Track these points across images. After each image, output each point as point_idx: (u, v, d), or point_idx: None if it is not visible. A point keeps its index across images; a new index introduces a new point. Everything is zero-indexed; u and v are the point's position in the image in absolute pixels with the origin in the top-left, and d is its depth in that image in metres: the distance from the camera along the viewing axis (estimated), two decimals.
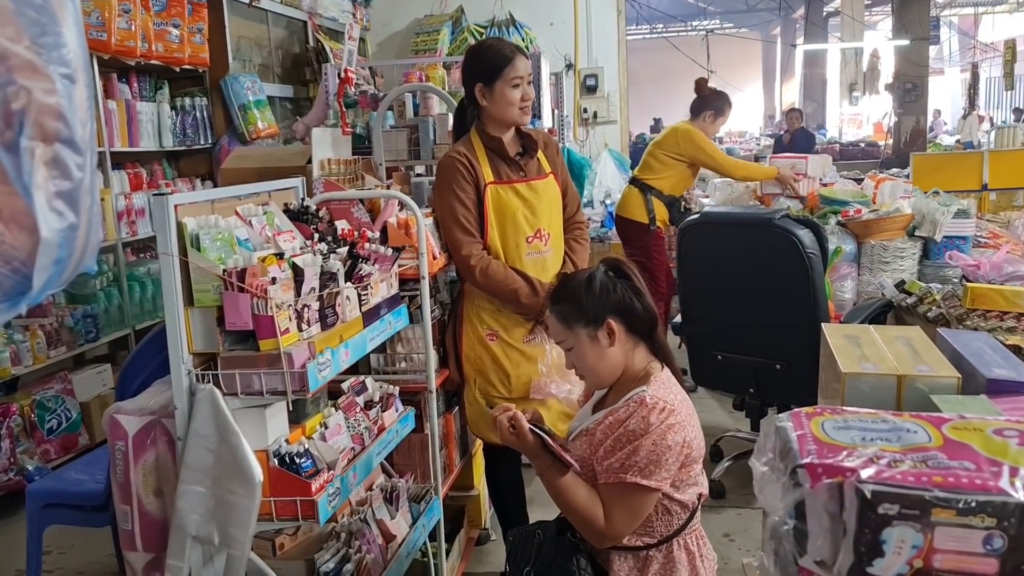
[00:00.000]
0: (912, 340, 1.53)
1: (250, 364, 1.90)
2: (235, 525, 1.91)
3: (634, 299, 1.93)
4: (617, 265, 1.98)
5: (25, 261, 0.80)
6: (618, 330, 1.91)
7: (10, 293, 0.81)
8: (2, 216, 0.77)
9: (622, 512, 1.83)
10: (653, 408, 1.81)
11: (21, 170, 0.77)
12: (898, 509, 0.83)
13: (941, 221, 4.25)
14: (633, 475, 1.79)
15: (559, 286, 2.02)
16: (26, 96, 0.77)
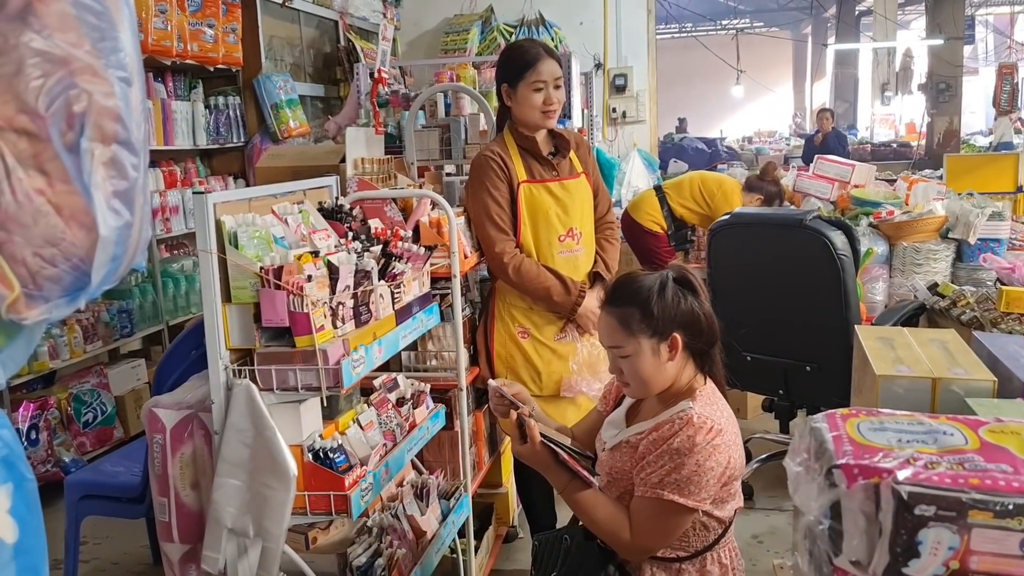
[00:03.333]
0: (947, 343, 1.52)
1: (286, 360, 1.93)
2: (270, 518, 1.95)
3: (701, 313, 1.84)
4: (684, 274, 1.87)
5: (84, 258, 0.83)
6: (680, 345, 1.82)
7: (69, 289, 0.84)
8: (63, 214, 0.80)
9: (654, 528, 1.79)
10: (700, 428, 1.75)
11: (82, 170, 0.80)
12: (935, 511, 0.83)
13: (975, 223, 4.21)
14: (671, 493, 1.74)
15: (621, 287, 1.89)
16: (87, 99, 0.80)
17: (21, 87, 0.76)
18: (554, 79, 2.67)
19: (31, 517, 0.88)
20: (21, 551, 0.85)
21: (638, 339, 1.81)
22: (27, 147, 0.77)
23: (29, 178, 0.78)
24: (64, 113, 0.78)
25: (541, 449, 1.89)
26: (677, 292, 1.83)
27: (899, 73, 14.24)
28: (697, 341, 1.84)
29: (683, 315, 1.81)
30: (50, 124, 0.78)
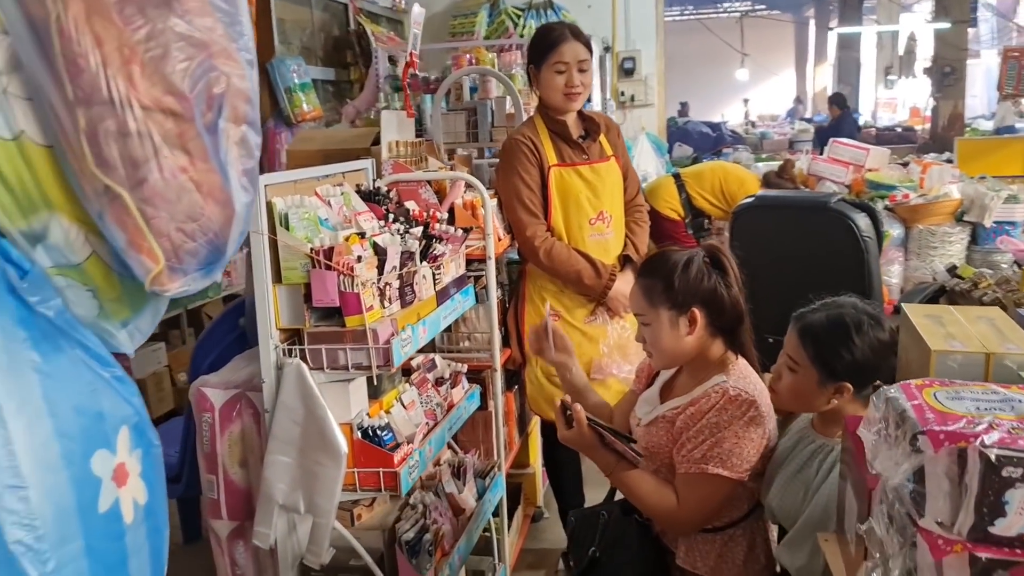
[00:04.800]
0: (994, 320, 1.56)
1: (336, 339, 1.97)
2: (320, 494, 1.99)
3: (725, 293, 1.88)
4: (716, 254, 1.92)
5: (218, 232, 0.86)
6: (700, 320, 1.87)
7: (204, 262, 0.87)
8: (202, 191, 0.84)
9: (700, 501, 1.84)
10: (735, 399, 1.81)
11: (219, 149, 0.84)
12: (1021, 473, 0.87)
13: (991, 206, 4.24)
14: (715, 466, 1.79)
15: (652, 259, 1.97)
16: (225, 81, 0.83)
17: (168, 69, 0.80)
18: (578, 61, 2.68)
19: (157, 482, 0.92)
20: (150, 513, 0.89)
21: (658, 310, 1.88)
22: (173, 127, 0.81)
23: (174, 157, 0.82)
24: (205, 95, 0.82)
25: (588, 432, 1.93)
26: (702, 269, 1.88)
27: (903, 56, 14.22)
28: (719, 319, 1.89)
29: (705, 292, 1.86)
30: (194, 105, 0.81)
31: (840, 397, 1.79)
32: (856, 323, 1.79)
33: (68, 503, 0.79)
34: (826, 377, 1.79)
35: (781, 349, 1.95)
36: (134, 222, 0.81)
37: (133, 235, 0.82)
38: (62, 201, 0.82)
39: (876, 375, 1.78)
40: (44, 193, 0.81)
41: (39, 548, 0.76)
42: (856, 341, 1.77)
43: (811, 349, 1.80)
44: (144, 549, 0.91)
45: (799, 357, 1.82)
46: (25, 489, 0.76)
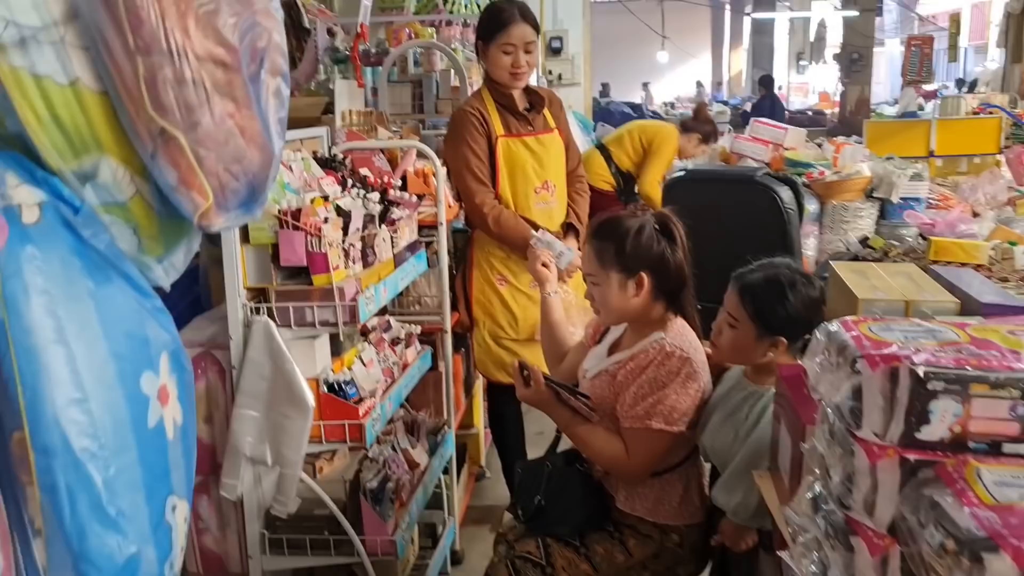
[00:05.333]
0: (911, 274, 1.76)
1: (303, 298, 2.05)
2: (288, 446, 2.07)
3: (672, 259, 2.00)
4: (666, 221, 2.03)
5: (257, 174, 0.95)
6: (647, 284, 1.99)
7: (244, 201, 0.96)
8: (245, 136, 0.92)
9: (646, 453, 1.99)
10: (672, 355, 1.96)
11: (260, 98, 0.92)
12: (944, 385, 1.04)
13: (898, 183, 4.54)
14: (658, 422, 1.94)
15: (605, 223, 2.07)
16: (268, 36, 0.91)
17: (220, 23, 0.88)
18: (524, 43, 2.80)
19: (189, 406, 1.00)
20: (185, 433, 0.98)
21: (608, 272, 2.00)
22: (222, 76, 0.89)
23: (223, 103, 0.90)
24: (251, 48, 0.90)
25: (545, 390, 2.07)
26: (652, 236, 2.00)
27: (813, 43, 14.78)
28: (664, 283, 2.03)
29: (653, 258, 1.99)
30: (241, 57, 0.89)
31: (775, 350, 1.96)
32: (790, 282, 1.96)
33: (123, 417, 0.88)
34: (763, 332, 1.96)
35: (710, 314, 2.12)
36: (187, 162, 0.89)
37: (186, 174, 0.90)
38: (112, 144, 0.89)
39: (808, 329, 1.95)
40: (96, 136, 0.88)
41: (101, 455, 0.84)
42: (791, 298, 1.94)
43: (750, 306, 1.97)
44: (181, 466, 0.99)
45: (738, 314, 1.98)
46: (88, 402, 0.84)
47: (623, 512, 2.09)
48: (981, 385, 1.04)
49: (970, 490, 0.96)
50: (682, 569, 2.09)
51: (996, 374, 1.04)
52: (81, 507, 0.82)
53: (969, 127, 6.12)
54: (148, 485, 0.90)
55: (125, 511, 0.85)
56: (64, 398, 0.82)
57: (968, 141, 5.86)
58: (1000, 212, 4.41)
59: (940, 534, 0.94)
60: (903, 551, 1.05)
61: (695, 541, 2.08)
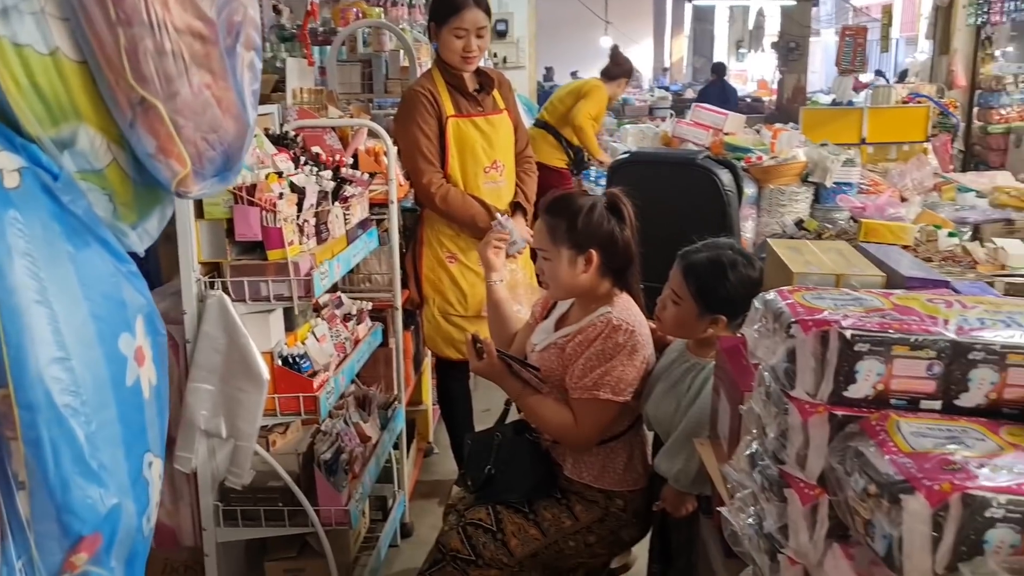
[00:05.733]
0: (842, 250, 1.87)
1: (258, 272, 2.08)
2: (243, 419, 2.10)
3: (620, 238, 2.09)
4: (616, 202, 2.11)
5: (232, 143, 0.99)
6: (596, 261, 2.08)
7: (219, 169, 1.00)
8: (221, 106, 0.96)
9: (594, 422, 2.08)
10: (618, 328, 2.05)
11: (235, 70, 0.96)
12: (868, 347, 1.13)
13: (832, 169, 4.72)
14: (606, 392, 2.03)
15: (558, 200, 2.14)
16: (243, 11, 0.95)
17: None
18: (476, 28, 2.85)
19: (163, 367, 1.04)
20: (159, 394, 1.02)
21: (559, 248, 2.08)
22: (200, 49, 0.92)
23: (200, 75, 0.93)
24: (227, 22, 0.94)
25: (498, 363, 2.14)
26: (603, 215, 2.09)
27: (752, 31, 15.06)
28: (612, 261, 2.11)
29: (603, 236, 2.07)
30: (218, 30, 0.93)
31: (715, 326, 2.06)
32: (732, 262, 2.06)
33: (103, 376, 0.91)
34: (704, 309, 2.05)
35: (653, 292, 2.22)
36: (166, 130, 0.92)
37: (165, 142, 0.93)
38: (90, 112, 0.92)
39: (747, 308, 2.06)
40: (74, 104, 0.91)
41: (83, 411, 0.87)
42: (731, 278, 2.04)
43: (693, 285, 2.06)
44: (156, 424, 1.03)
45: (682, 291, 2.08)
46: (70, 361, 0.87)
47: (570, 479, 2.17)
48: (902, 347, 1.13)
49: (890, 440, 1.06)
50: (625, 532, 2.19)
51: (915, 336, 1.14)
52: (64, 461, 0.85)
53: (899, 116, 6.36)
54: (127, 441, 0.94)
55: (106, 465, 0.89)
56: (47, 356, 0.85)
57: (898, 129, 6.09)
58: (926, 197, 4.63)
59: (863, 480, 1.04)
60: (831, 500, 1.15)
61: (638, 506, 2.18)
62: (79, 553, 0.87)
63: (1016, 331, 1.15)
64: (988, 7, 6.82)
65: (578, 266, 2.08)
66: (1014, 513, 0.91)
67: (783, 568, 1.27)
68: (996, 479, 0.94)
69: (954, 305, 1.25)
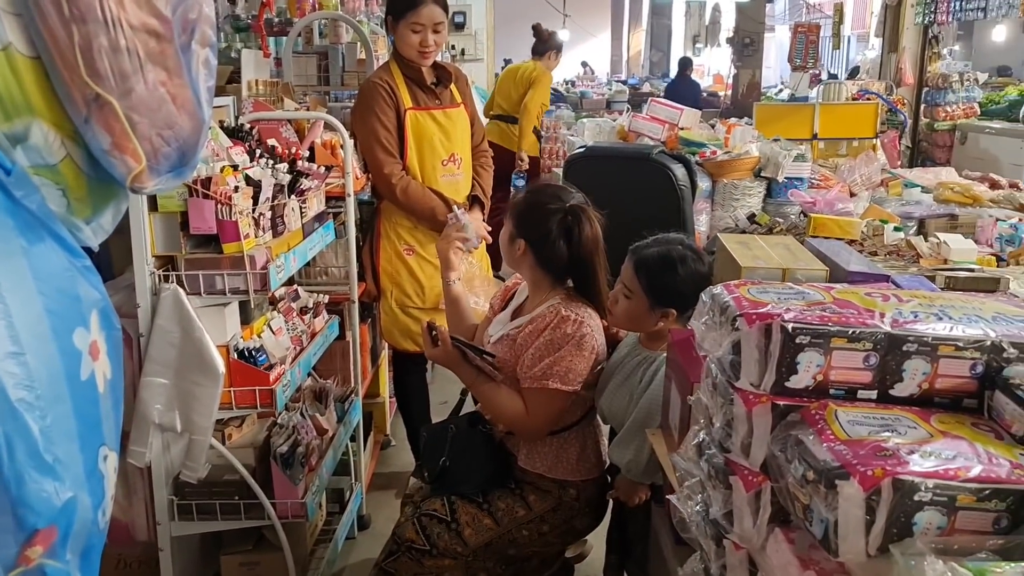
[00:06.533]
0: (788, 245, 1.93)
1: (213, 266, 2.07)
2: (198, 413, 2.10)
3: (554, 244, 2.13)
4: (576, 210, 2.16)
5: (187, 139, 0.99)
6: (526, 253, 2.16)
7: (175, 165, 1.00)
8: (177, 103, 0.96)
9: (545, 412, 2.12)
10: (567, 319, 2.10)
11: (191, 67, 0.96)
12: (809, 339, 1.18)
13: (784, 164, 4.80)
14: (555, 382, 2.07)
15: (537, 186, 2.33)
16: (198, 8, 0.96)
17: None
18: (433, 23, 2.86)
19: (117, 361, 1.05)
20: (114, 387, 1.02)
21: (508, 223, 2.20)
22: (155, 46, 0.93)
23: (155, 72, 0.94)
24: (182, 19, 0.94)
25: (452, 350, 2.17)
26: (550, 218, 2.14)
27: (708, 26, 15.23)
28: (546, 263, 2.17)
29: (539, 233, 2.14)
30: (173, 27, 0.93)
31: (665, 320, 2.10)
32: (682, 258, 2.11)
33: (58, 370, 0.91)
34: (655, 303, 2.10)
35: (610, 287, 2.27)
36: (121, 126, 0.93)
37: (119, 138, 0.93)
38: (43, 108, 0.92)
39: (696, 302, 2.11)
40: (27, 100, 0.90)
41: (38, 405, 0.88)
42: (681, 273, 2.08)
43: (644, 279, 2.10)
44: (111, 418, 1.03)
45: (633, 285, 2.12)
46: (24, 355, 0.87)
47: (524, 469, 2.21)
48: (840, 339, 1.18)
49: (828, 429, 1.10)
50: (579, 521, 2.23)
51: (853, 329, 1.19)
52: (19, 455, 0.85)
53: (849, 112, 6.50)
54: (82, 435, 0.94)
55: (61, 458, 0.90)
56: (1, 351, 0.85)
57: (848, 125, 6.23)
58: (874, 192, 4.75)
59: (803, 467, 1.08)
60: (773, 486, 1.19)
61: (591, 495, 2.22)
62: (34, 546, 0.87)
63: (947, 324, 1.21)
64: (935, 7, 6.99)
65: (515, 248, 2.18)
66: (941, 496, 0.97)
67: (728, 553, 1.32)
68: (925, 465, 1.00)
69: (890, 299, 1.31)
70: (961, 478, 0.98)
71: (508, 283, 2.44)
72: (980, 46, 15.11)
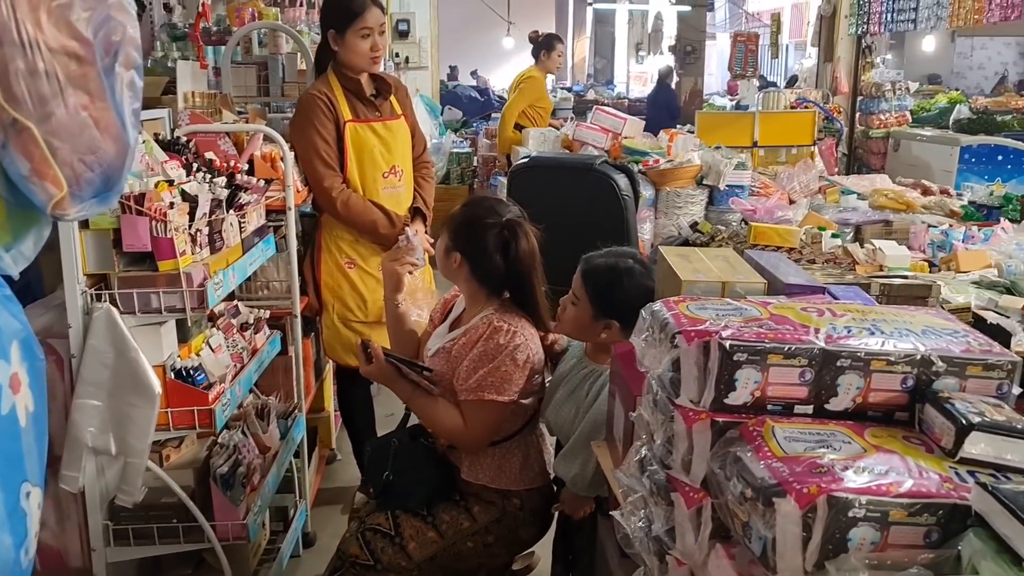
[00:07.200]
0: (728, 257, 1.94)
1: (148, 284, 2.02)
2: (134, 435, 2.04)
3: (489, 259, 2.14)
4: (513, 224, 2.16)
5: (112, 164, 0.96)
6: (464, 269, 2.17)
7: (99, 191, 0.97)
8: (100, 127, 0.93)
9: (482, 423, 2.11)
10: (499, 330, 2.10)
11: (114, 91, 0.93)
12: (746, 356, 1.19)
13: (725, 172, 4.88)
14: (490, 393, 2.07)
15: (477, 199, 2.33)
16: (122, 30, 0.93)
17: (73, 17, 0.88)
18: (379, 27, 2.85)
19: (40, 393, 1.01)
20: (37, 420, 0.98)
21: (444, 236, 2.21)
22: (76, 69, 0.90)
23: (76, 95, 0.91)
24: (105, 41, 0.91)
25: (386, 366, 2.15)
26: (486, 231, 2.15)
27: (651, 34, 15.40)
28: (483, 277, 2.17)
29: (473, 249, 2.16)
30: (95, 50, 0.90)
31: (608, 331, 2.12)
32: (628, 270, 2.13)
33: None
34: (599, 313, 2.11)
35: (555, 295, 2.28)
36: (41, 152, 0.90)
37: (39, 164, 0.90)
38: None
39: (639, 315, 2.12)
40: None
41: None
42: (625, 284, 2.10)
43: (590, 288, 2.12)
44: (34, 451, 0.99)
45: (580, 293, 2.13)
46: None
47: (467, 481, 2.21)
48: (777, 355, 1.20)
49: (766, 445, 1.12)
50: (524, 531, 2.23)
51: (789, 345, 1.20)
52: None
53: (788, 120, 6.62)
54: (2, 472, 0.91)
55: None
56: None
57: (787, 133, 6.34)
58: (812, 199, 4.84)
59: (741, 484, 1.09)
60: (714, 503, 1.20)
61: (535, 505, 2.22)
62: None
63: (879, 338, 1.23)
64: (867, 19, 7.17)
65: (451, 260, 2.19)
66: (874, 512, 0.98)
67: (671, 569, 1.33)
68: (859, 481, 1.01)
69: (825, 314, 1.33)
70: (893, 493, 1.00)
71: (447, 295, 2.43)
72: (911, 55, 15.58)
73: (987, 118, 7.67)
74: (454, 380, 2.13)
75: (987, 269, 3.07)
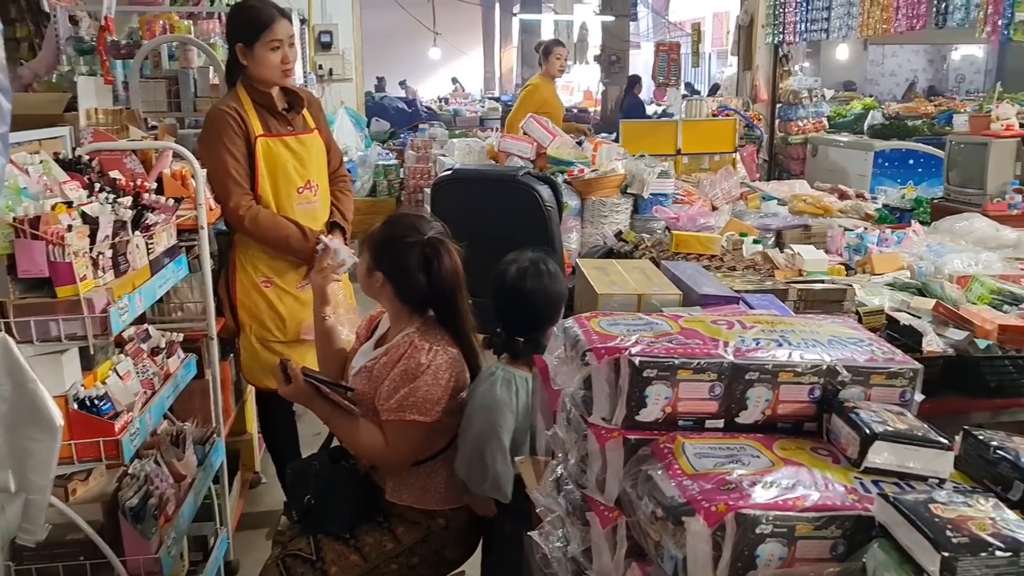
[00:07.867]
0: (645, 269, 1.95)
1: (47, 311, 1.92)
2: (34, 470, 1.93)
3: (416, 275, 2.09)
4: (435, 242, 2.11)
5: None
6: (387, 288, 2.12)
7: None
8: None
9: (405, 443, 2.08)
10: (420, 348, 2.06)
11: None
12: (656, 372, 1.18)
13: (648, 180, 4.93)
14: (412, 413, 2.03)
15: (400, 216, 2.31)
16: None
17: None
18: (288, 38, 2.79)
19: None
20: None
21: (364, 255, 2.18)
22: None
23: None
24: None
25: (304, 386, 2.10)
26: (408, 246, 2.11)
27: (576, 44, 15.54)
28: (405, 295, 2.13)
29: (395, 268, 2.12)
30: None
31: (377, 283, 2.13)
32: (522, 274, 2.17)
33: None
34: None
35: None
36: None
37: None
38: None
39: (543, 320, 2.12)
40: None
41: None
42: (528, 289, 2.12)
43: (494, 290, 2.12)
44: None
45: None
46: None
47: (391, 503, 2.16)
48: (686, 371, 1.19)
49: (676, 463, 1.11)
50: (449, 551, 2.19)
51: (698, 360, 1.20)
52: None
53: (710, 128, 6.74)
54: None
55: None
56: None
57: (709, 140, 6.45)
58: (734, 206, 4.92)
59: (652, 504, 1.08)
60: (628, 521, 1.19)
61: (460, 524, 2.19)
62: None
63: (787, 349, 1.24)
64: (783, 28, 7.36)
65: (374, 279, 2.15)
66: (781, 528, 0.98)
67: None
68: (766, 496, 1.01)
69: (735, 326, 1.33)
70: (799, 508, 0.99)
71: (373, 312, 2.39)
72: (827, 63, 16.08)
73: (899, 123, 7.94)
74: (376, 400, 2.09)
75: (900, 271, 3.16)
